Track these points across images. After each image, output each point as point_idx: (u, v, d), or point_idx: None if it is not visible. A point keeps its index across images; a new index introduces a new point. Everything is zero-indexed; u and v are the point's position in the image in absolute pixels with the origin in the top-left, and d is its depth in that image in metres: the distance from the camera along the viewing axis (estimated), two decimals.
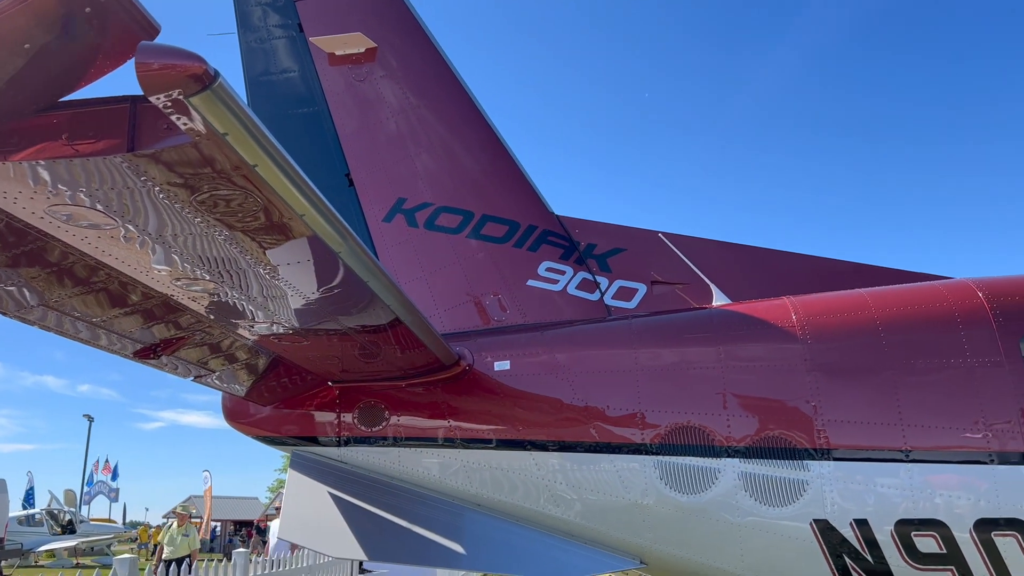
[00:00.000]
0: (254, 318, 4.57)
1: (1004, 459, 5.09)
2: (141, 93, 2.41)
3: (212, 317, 4.44)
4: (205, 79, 2.40)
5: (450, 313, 6.59)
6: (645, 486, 5.59)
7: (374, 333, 5.05)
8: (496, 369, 6.03)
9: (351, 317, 4.71)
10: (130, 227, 3.25)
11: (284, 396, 6.26)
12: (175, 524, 16.93)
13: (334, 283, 4.04)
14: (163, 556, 16.23)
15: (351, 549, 5.60)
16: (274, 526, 15.73)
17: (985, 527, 5.02)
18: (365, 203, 7.06)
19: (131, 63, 2.41)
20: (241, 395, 6.16)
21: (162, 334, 4.62)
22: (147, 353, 4.80)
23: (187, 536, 16.60)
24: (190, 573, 8.46)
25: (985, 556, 5.00)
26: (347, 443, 6.12)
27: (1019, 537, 4.97)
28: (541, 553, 5.71)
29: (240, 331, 4.79)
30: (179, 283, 3.88)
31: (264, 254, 3.61)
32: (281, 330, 4.81)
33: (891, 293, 5.92)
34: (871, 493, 5.22)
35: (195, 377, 5.48)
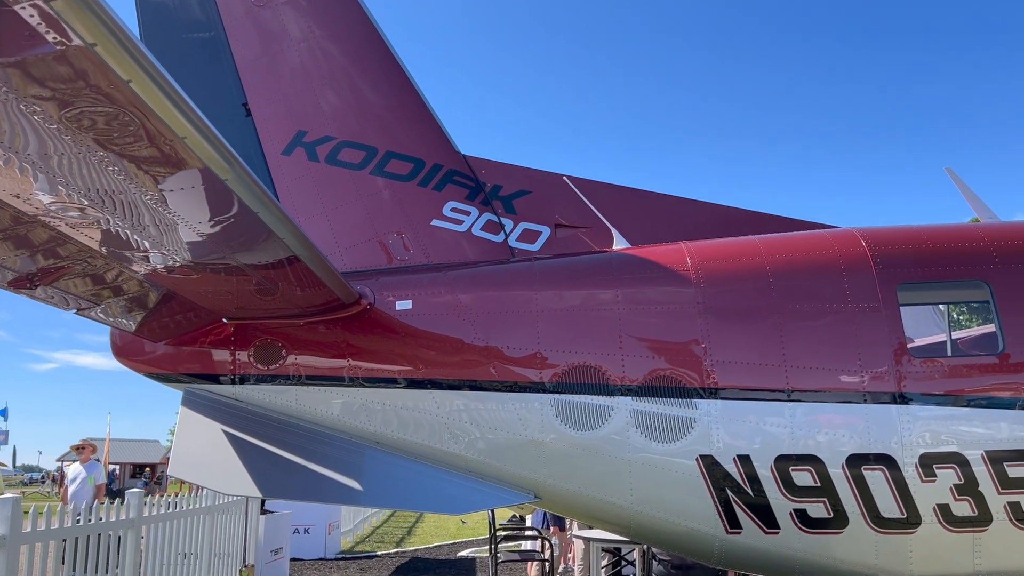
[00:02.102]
0: (139, 249, 4.38)
1: (876, 399, 5.40)
2: None
3: (93, 247, 4.23)
4: None
5: (351, 251, 6.49)
6: (542, 423, 5.71)
7: (269, 269, 4.93)
8: (398, 308, 6.00)
9: (243, 251, 4.57)
10: None
11: (176, 332, 6.07)
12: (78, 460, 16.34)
13: (222, 213, 3.90)
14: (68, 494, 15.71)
15: (244, 486, 5.54)
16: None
17: (856, 462, 5.34)
18: (263, 135, 6.82)
19: None
20: (131, 330, 5.95)
21: (39, 263, 4.38)
22: (23, 283, 4.55)
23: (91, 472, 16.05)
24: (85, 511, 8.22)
25: (855, 488, 5.33)
26: (242, 381, 6.00)
27: (886, 471, 5.31)
28: (439, 488, 5.78)
29: (126, 263, 4.59)
30: (54, 208, 3.67)
31: (145, 179, 3.45)
32: (170, 263, 4.64)
33: (781, 241, 6.13)
34: (754, 431, 5.47)
35: (78, 310, 5.25)
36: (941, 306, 7.67)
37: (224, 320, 5.99)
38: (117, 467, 57.27)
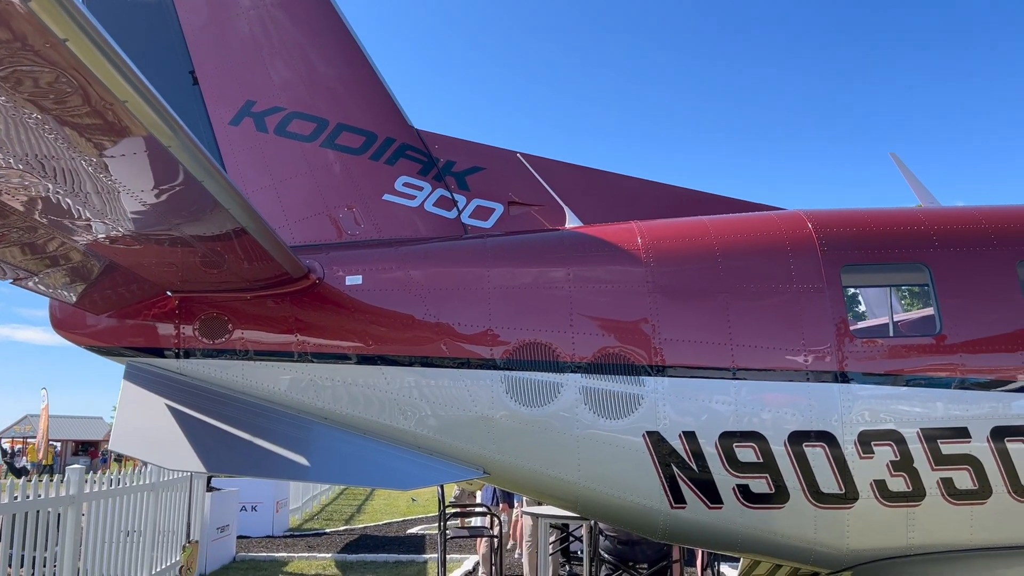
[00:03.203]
0: (80, 218, 4.26)
1: (818, 378, 5.53)
2: None
3: (32, 215, 4.10)
4: None
5: (301, 224, 6.39)
6: (492, 400, 5.72)
7: (215, 241, 4.83)
8: (347, 283, 5.94)
9: (188, 222, 4.47)
10: None
11: (119, 304, 5.93)
12: None
13: (165, 182, 3.81)
14: None
15: (188, 462, 5.46)
16: None
17: (798, 439, 5.47)
18: (211, 104, 6.65)
19: None
20: (71, 302, 5.80)
21: None
22: None
23: None
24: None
25: (796, 465, 5.46)
26: (187, 355, 5.90)
27: (826, 448, 5.45)
28: (387, 464, 5.76)
29: (66, 232, 4.46)
30: None
31: (85, 145, 3.34)
32: (112, 233, 4.52)
33: (729, 222, 6.21)
34: (699, 408, 5.56)
35: (15, 280, 5.09)
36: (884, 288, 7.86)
37: (169, 293, 5.87)
38: (59, 444, 56.05)
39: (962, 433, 5.43)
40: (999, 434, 5.42)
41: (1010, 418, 5.44)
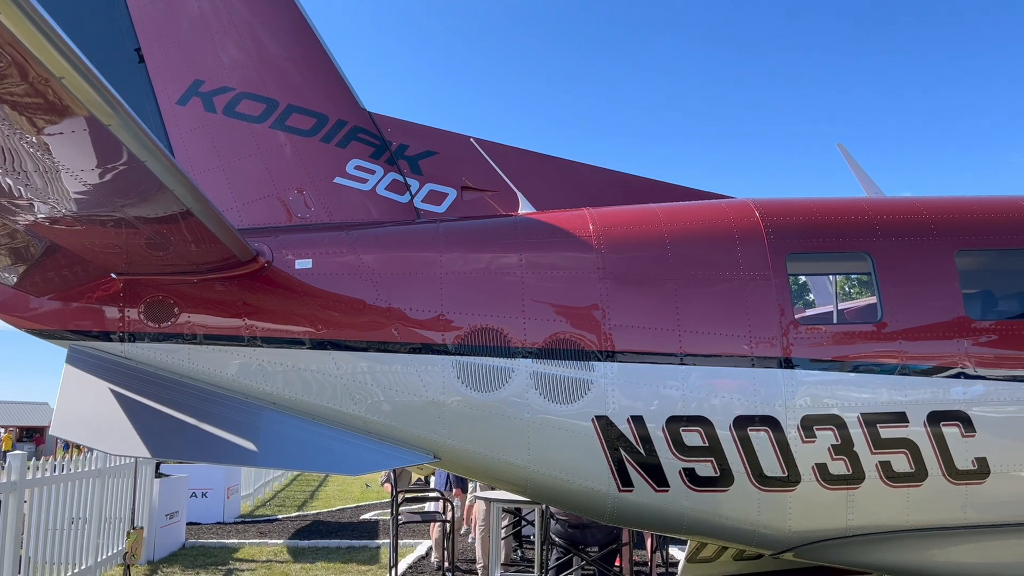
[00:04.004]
0: (19, 198, 4.15)
1: (763, 363, 5.63)
2: None
3: None
4: None
5: (249, 207, 6.30)
6: (443, 385, 5.72)
7: (160, 222, 4.74)
8: (297, 267, 5.88)
9: (131, 203, 4.38)
10: None
11: (62, 287, 5.79)
12: None
13: (107, 162, 3.72)
14: None
15: (132, 446, 5.37)
16: None
17: (743, 423, 5.57)
18: (157, 83, 6.51)
19: None
20: (12, 284, 5.65)
21: None
22: None
23: None
24: None
25: (740, 448, 5.56)
26: (132, 339, 5.79)
27: (770, 432, 5.56)
28: (336, 449, 5.73)
29: (5, 213, 4.33)
30: None
31: (22, 122, 3.25)
32: (54, 214, 4.41)
33: (679, 209, 6.28)
34: (647, 393, 5.63)
35: None
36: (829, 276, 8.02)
37: (113, 275, 5.75)
38: (3, 430, 54.67)
39: (900, 418, 5.59)
40: (935, 419, 5.58)
41: (946, 403, 5.61)
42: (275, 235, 6.06)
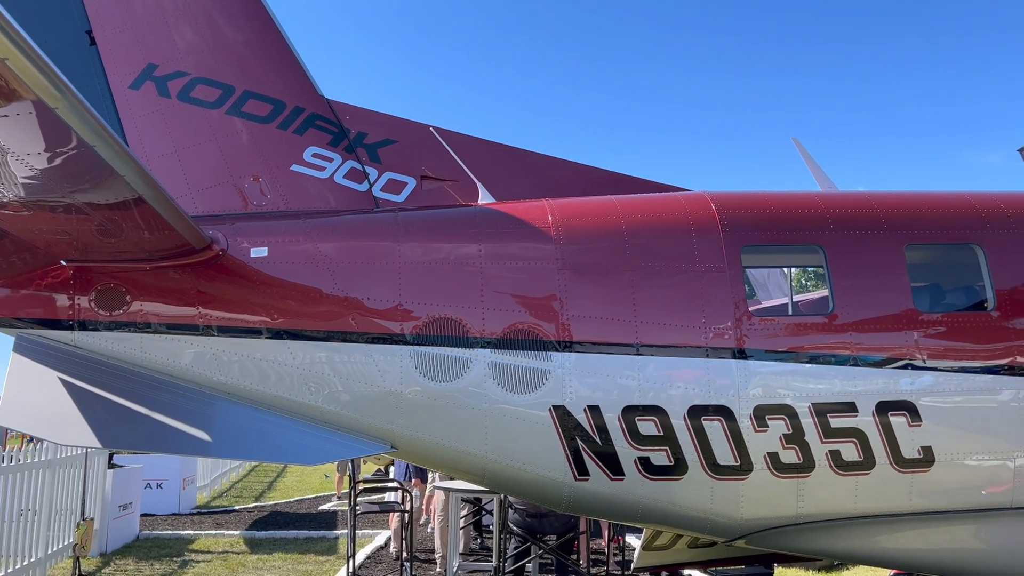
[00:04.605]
0: None
1: (718, 354, 5.71)
2: None
3: None
4: None
5: (204, 194, 6.20)
6: (401, 375, 5.71)
7: (110, 209, 4.66)
8: (252, 256, 5.81)
9: (81, 188, 4.29)
10: None
11: (10, 274, 5.66)
12: None
13: (55, 146, 3.64)
14: None
15: (81, 436, 5.27)
16: None
17: (697, 413, 5.65)
18: (109, 66, 6.36)
19: None
20: None
21: None
22: None
23: None
24: None
25: (695, 438, 5.64)
26: (83, 327, 5.68)
27: (723, 421, 5.65)
28: (292, 439, 5.69)
29: None
30: None
31: None
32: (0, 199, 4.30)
33: (637, 201, 6.33)
34: (604, 383, 5.68)
35: None
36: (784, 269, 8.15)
37: (63, 262, 5.63)
38: None
39: (850, 408, 5.71)
40: (883, 409, 5.71)
41: (894, 394, 5.75)
42: (230, 223, 5.98)
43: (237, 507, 18.80)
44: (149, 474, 16.30)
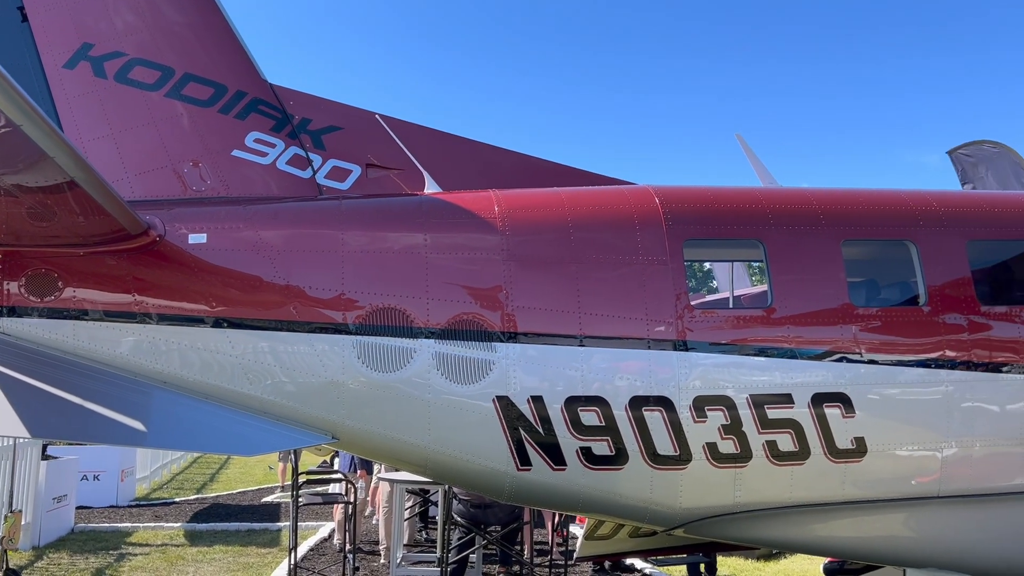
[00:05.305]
0: None
1: (659, 346, 5.78)
2: None
3: None
4: None
5: (141, 178, 6.04)
6: (343, 365, 5.66)
7: (40, 192, 4.51)
8: (191, 242, 5.68)
9: (8, 170, 4.15)
10: None
11: None
12: None
13: None
14: None
15: (9, 425, 5.10)
16: None
17: (638, 403, 5.71)
18: (42, 44, 6.14)
19: None
20: None
21: None
22: None
23: None
24: None
25: (635, 428, 5.70)
26: (11, 313, 5.50)
27: (664, 412, 5.72)
28: (230, 429, 5.60)
29: None
30: None
31: None
32: None
33: (582, 194, 6.36)
34: (548, 374, 5.70)
35: None
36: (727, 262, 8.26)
37: None
38: None
39: (786, 399, 5.83)
40: (818, 400, 5.85)
41: (828, 386, 5.88)
42: (168, 208, 5.85)
43: (178, 499, 18.45)
44: (85, 466, 15.90)
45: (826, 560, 8.72)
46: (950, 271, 6.18)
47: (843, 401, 5.87)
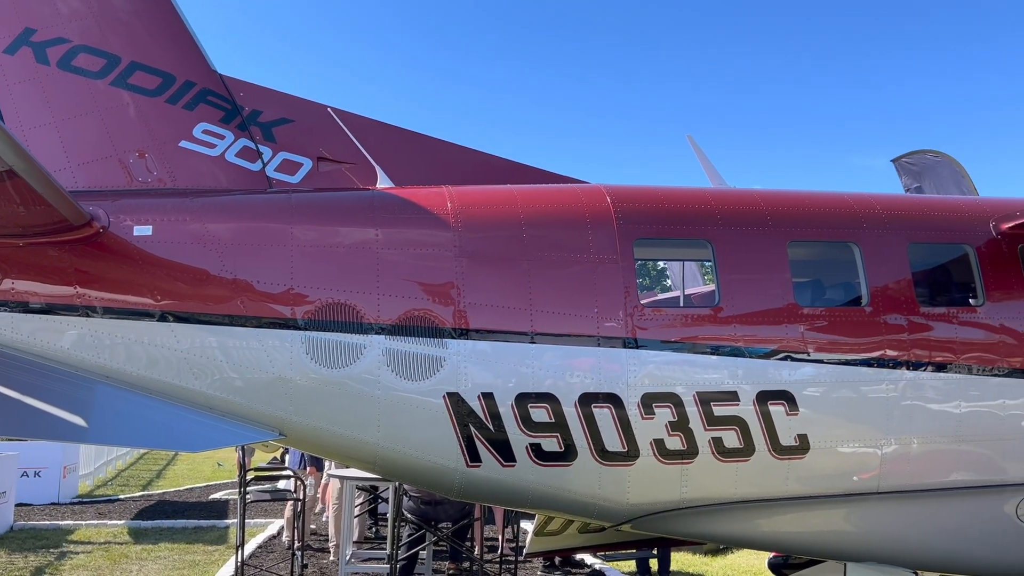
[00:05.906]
0: None
1: (609, 343, 5.83)
2: None
3: None
4: None
5: (85, 168, 5.90)
6: (291, 360, 5.60)
7: None
8: (136, 234, 5.57)
9: None
10: None
11: None
12: None
13: None
14: None
15: None
16: None
17: (587, 400, 5.75)
18: None
19: None
20: None
21: None
22: None
23: None
24: None
25: (584, 424, 5.75)
26: None
27: (612, 409, 5.77)
28: (174, 425, 5.51)
29: None
30: None
31: None
32: None
33: (535, 191, 6.38)
34: (499, 370, 5.71)
35: None
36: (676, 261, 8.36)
37: None
38: None
39: (732, 397, 5.92)
40: (763, 398, 5.95)
41: (773, 384, 5.99)
42: (113, 199, 5.72)
43: (122, 496, 18.07)
44: (26, 462, 15.51)
45: (771, 555, 8.89)
46: (892, 273, 6.34)
47: (787, 399, 5.98)
